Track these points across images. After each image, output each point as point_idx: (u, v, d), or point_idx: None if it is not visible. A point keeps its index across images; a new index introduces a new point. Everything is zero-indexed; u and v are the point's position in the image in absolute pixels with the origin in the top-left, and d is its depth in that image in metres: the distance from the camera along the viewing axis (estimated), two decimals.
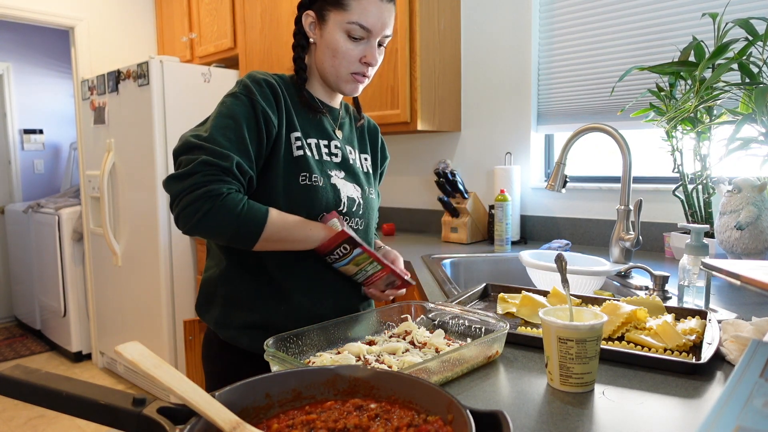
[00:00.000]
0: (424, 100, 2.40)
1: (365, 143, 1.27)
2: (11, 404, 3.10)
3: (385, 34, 1.10)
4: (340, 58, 1.08)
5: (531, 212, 2.38)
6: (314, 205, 1.07)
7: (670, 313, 1.04)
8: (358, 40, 1.07)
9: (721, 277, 0.75)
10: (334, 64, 1.09)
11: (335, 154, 1.15)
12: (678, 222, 1.87)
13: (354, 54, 1.08)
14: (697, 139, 1.62)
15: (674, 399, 0.75)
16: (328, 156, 1.13)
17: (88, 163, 3.45)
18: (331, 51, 1.08)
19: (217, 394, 0.55)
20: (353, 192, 1.15)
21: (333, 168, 1.13)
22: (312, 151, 1.10)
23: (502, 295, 1.20)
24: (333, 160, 1.14)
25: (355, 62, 1.09)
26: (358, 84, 1.12)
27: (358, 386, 0.61)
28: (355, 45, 1.08)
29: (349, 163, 1.17)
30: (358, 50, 1.08)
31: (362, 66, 1.10)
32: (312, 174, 1.07)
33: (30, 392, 0.54)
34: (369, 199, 1.19)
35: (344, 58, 1.08)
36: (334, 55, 1.08)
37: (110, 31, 3.65)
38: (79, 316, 3.70)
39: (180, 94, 2.88)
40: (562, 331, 0.76)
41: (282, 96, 1.07)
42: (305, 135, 1.10)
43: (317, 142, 1.12)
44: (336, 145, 1.16)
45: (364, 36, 1.07)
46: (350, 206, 1.13)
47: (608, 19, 2.13)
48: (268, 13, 2.87)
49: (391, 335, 0.98)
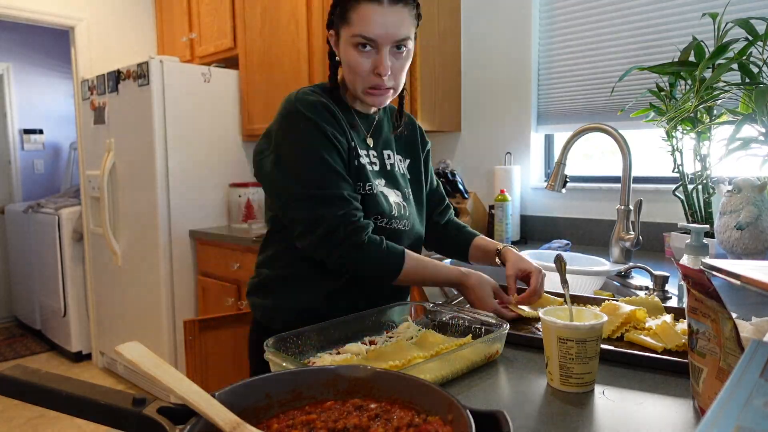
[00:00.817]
0: (424, 100, 2.40)
1: (402, 141, 1.28)
2: (11, 404, 3.10)
3: (396, 39, 1.05)
4: (354, 73, 1.08)
5: (531, 212, 2.38)
6: (374, 210, 1.12)
7: (669, 313, 1.04)
8: (367, 51, 1.06)
9: (721, 277, 0.75)
10: (352, 79, 1.10)
11: (374, 163, 1.18)
12: (678, 222, 1.87)
13: (366, 67, 1.07)
14: (697, 139, 1.62)
15: (674, 399, 0.75)
16: (370, 165, 1.16)
17: (88, 163, 3.45)
18: (347, 66, 1.09)
19: (217, 394, 0.55)
20: (395, 197, 1.19)
21: (375, 177, 1.16)
22: (360, 161, 1.13)
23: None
24: (374, 169, 1.17)
25: (368, 75, 1.08)
26: (377, 97, 1.11)
27: (358, 386, 0.61)
28: (364, 57, 1.06)
29: (387, 169, 1.20)
30: (368, 62, 1.06)
31: (376, 78, 1.07)
32: (366, 183, 1.11)
33: (30, 392, 0.55)
34: (410, 201, 1.23)
35: (358, 72, 1.07)
36: (350, 70, 1.09)
37: (110, 31, 3.65)
38: (79, 316, 3.70)
39: (180, 94, 2.88)
40: (562, 331, 0.77)
41: (335, 110, 1.10)
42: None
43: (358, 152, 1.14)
44: (374, 153, 1.18)
45: (372, 46, 1.05)
46: (398, 210, 1.18)
47: (608, 19, 2.13)
48: (268, 13, 2.87)
49: (391, 335, 0.99)
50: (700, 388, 0.68)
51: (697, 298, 0.68)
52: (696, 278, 0.67)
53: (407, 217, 1.21)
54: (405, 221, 1.20)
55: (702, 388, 0.68)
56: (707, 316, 0.66)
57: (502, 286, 1.17)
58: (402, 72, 1.11)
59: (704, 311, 0.67)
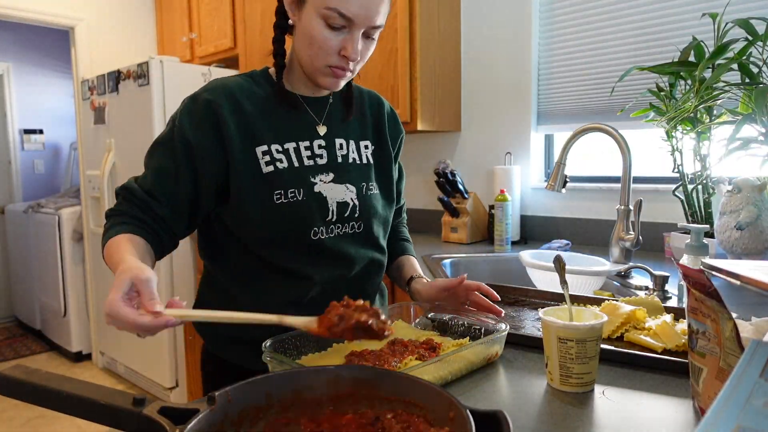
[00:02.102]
0: (424, 100, 2.40)
1: (366, 126, 1.12)
2: (11, 404, 3.10)
3: (372, 25, 0.93)
4: (316, 48, 0.93)
5: (531, 212, 2.38)
6: (296, 222, 0.98)
7: (669, 313, 1.04)
8: (338, 29, 0.91)
9: (721, 277, 0.75)
10: (309, 53, 0.95)
11: (319, 155, 1.02)
12: (678, 222, 1.87)
13: (332, 45, 0.92)
14: (697, 139, 1.62)
15: (674, 399, 0.75)
16: (311, 159, 1.01)
17: (88, 163, 3.45)
18: (307, 38, 0.93)
19: (218, 394, 0.55)
20: (344, 194, 1.03)
21: (319, 172, 1.01)
22: (290, 160, 0.99)
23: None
24: (318, 163, 1.01)
25: (333, 54, 0.93)
26: (338, 79, 0.97)
27: (358, 386, 0.61)
28: (333, 34, 0.92)
29: (337, 162, 1.04)
30: (337, 41, 0.92)
31: (341, 59, 0.94)
32: (288, 189, 0.97)
33: (30, 392, 0.55)
34: (367, 197, 1.06)
35: (321, 48, 0.93)
36: (310, 43, 0.93)
37: (110, 31, 3.65)
38: (79, 316, 3.70)
39: (180, 94, 2.85)
40: (562, 331, 0.77)
41: (233, 111, 0.96)
42: (280, 140, 0.99)
43: (296, 145, 1.00)
44: (320, 144, 1.03)
45: (344, 25, 0.91)
46: (341, 212, 1.02)
47: (608, 19, 2.13)
48: (268, 13, 2.87)
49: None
50: (700, 388, 0.68)
51: (697, 298, 0.68)
52: (696, 278, 0.67)
53: (357, 218, 1.05)
54: (353, 223, 1.04)
55: (702, 388, 0.68)
56: (707, 316, 0.66)
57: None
58: (366, 59, 0.99)
59: (704, 311, 0.67)
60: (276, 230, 0.97)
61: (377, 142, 1.13)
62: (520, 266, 1.55)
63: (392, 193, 1.14)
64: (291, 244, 0.99)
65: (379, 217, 1.09)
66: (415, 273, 1.16)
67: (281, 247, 0.99)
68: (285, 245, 0.99)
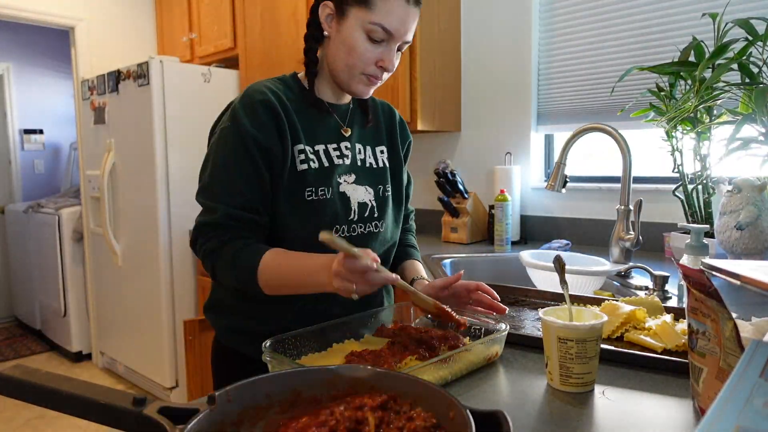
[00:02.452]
0: (424, 100, 2.40)
1: (381, 132, 1.19)
2: (11, 404, 3.10)
3: (405, 40, 1.02)
4: (356, 58, 1.01)
5: (531, 212, 2.38)
6: (323, 219, 1.03)
7: (669, 313, 1.04)
8: (378, 42, 1.00)
9: (721, 277, 0.75)
10: (348, 62, 1.02)
11: (346, 156, 1.09)
12: (678, 222, 1.87)
13: (371, 56, 1.01)
14: (697, 139, 1.62)
15: (674, 399, 0.75)
16: (339, 159, 1.08)
17: (88, 163, 3.45)
18: (347, 48, 1.01)
19: (218, 394, 0.55)
20: (364, 196, 1.10)
21: (343, 172, 1.07)
22: (320, 160, 1.05)
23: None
24: (344, 163, 1.08)
25: (371, 64, 1.02)
26: (370, 86, 1.06)
27: (358, 386, 0.61)
28: (373, 47, 1.00)
29: (358, 164, 1.11)
30: (376, 53, 1.01)
31: (377, 70, 1.03)
32: (318, 187, 1.03)
33: (30, 392, 0.55)
34: (385, 198, 1.14)
35: (360, 58, 1.00)
36: (350, 53, 1.01)
37: (110, 31, 3.65)
38: (79, 316, 3.70)
39: (180, 94, 2.88)
40: (562, 331, 0.77)
41: (282, 110, 1.01)
42: (311, 142, 1.05)
43: (326, 147, 1.07)
44: (346, 146, 1.10)
45: (384, 38, 1.00)
46: (362, 212, 1.09)
47: (608, 19, 2.13)
48: (268, 13, 2.87)
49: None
50: (700, 388, 0.68)
51: (697, 298, 0.68)
52: (696, 278, 0.67)
53: (377, 218, 1.11)
54: (375, 223, 1.11)
55: (702, 388, 0.68)
56: (707, 316, 0.66)
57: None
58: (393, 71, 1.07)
59: (704, 311, 0.67)
60: (304, 227, 1.02)
61: (390, 147, 1.20)
62: (520, 266, 1.55)
63: (402, 196, 1.20)
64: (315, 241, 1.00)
65: (392, 219, 1.16)
66: (417, 275, 1.18)
67: (306, 243, 1.01)
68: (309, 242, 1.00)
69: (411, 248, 1.30)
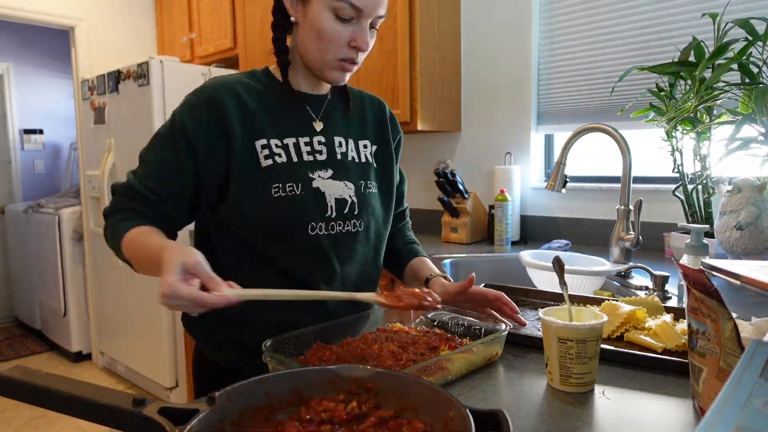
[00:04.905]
0: (424, 100, 2.40)
1: (367, 126, 1.13)
2: (13, 404, 3.10)
3: (378, 15, 0.96)
4: (327, 41, 0.95)
5: (531, 212, 2.38)
6: (294, 217, 0.97)
7: (669, 313, 1.04)
8: (348, 21, 0.94)
9: (721, 277, 0.75)
10: (319, 48, 0.96)
11: (319, 151, 1.02)
12: (678, 222, 1.87)
13: (342, 37, 0.94)
14: (697, 139, 1.62)
15: (674, 399, 0.75)
16: (311, 155, 1.01)
17: (88, 163, 3.45)
18: (316, 32, 0.95)
19: (218, 394, 0.55)
20: (343, 191, 1.03)
21: (318, 168, 1.01)
22: (289, 155, 0.99)
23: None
24: (317, 159, 1.01)
25: (343, 46, 0.95)
26: (345, 72, 0.99)
27: (358, 386, 0.61)
28: (343, 26, 0.94)
29: (336, 158, 1.04)
30: (347, 32, 0.94)
31: (351, 51, 0.96)
32: (286, 183, 0.97)
33: (30, 393, 0.55)
34: (366, 195, 1.06)
35: (331, 41, 0.94)
36: (320, 37, 0.95)
37: (110, 31, 3.65)
38: (79, 316, 3.70)
39: (180, 94, 2.84)
40: (562, 331, 0.77)
41: (236, 106, 0.97)
42: (279, 136, 0.99)
43: (296, 141, 1.01)
44: (320, 140, 1.03)
45: (353, 16, 0.93)
46: (340, 209, 1.02)
47: (608, 19, 2.13)
48: (268, 13, 2.85)
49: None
50: (700, 388, 0.68)
51: (697, 298, 0.68)
52: (696, 278, 0.67)
53: (356, 216, 1.04)
54: (355, 221, 1.04)
55: (702, 388, 0.68)
56: (707, 316, 0.66)
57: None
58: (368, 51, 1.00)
59: (705, 311, 0.67)
60: (274, 224, 0.97)
61: (380, 143, 1.14)
62: (520, 266, 1.55)
63: (392, 194, 1.14)
64: (288, 240, 0.99)
65: (378, 217, 1.09)
66: (431, 273, 1.13)
67: (278, 242, 0.98)
68: (283, 240, 0.99)
69: (413, 244, 1.25)
